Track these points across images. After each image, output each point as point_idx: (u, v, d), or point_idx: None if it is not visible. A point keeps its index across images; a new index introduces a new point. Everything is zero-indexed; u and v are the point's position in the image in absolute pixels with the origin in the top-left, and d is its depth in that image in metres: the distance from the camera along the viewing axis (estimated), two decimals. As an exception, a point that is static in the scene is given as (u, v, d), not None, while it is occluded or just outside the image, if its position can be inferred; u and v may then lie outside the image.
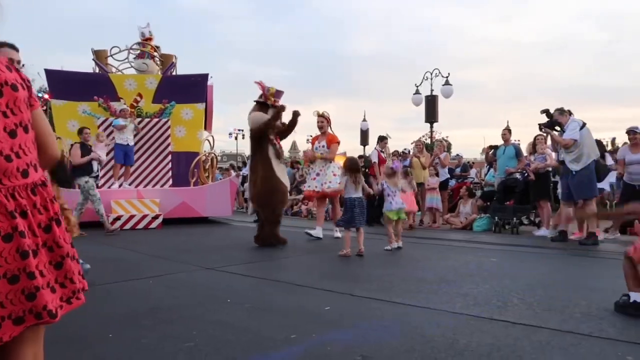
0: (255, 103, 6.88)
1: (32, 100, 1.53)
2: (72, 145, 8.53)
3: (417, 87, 17.88)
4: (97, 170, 8.57)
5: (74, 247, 1.58)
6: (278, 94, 6.83)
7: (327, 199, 7.81)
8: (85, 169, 8.14)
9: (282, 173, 6.77)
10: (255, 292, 3.99)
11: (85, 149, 8.28)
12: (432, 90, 17.53)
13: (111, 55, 11.91)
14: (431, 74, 17.59)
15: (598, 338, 2.72)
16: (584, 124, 6.92)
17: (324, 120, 7.61)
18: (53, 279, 1.47)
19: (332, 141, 7.57)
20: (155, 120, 10.95)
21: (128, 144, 9.95)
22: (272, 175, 6.60)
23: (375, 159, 9.63)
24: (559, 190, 7.70)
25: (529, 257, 5.99)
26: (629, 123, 9.53)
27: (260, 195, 6.65)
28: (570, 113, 7.11)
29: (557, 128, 7.17)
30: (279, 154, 6.77)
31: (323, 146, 7.54)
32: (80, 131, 8.62)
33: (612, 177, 8.65)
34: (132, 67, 11.81)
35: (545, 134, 7.81)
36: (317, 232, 7.38)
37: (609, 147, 13.31)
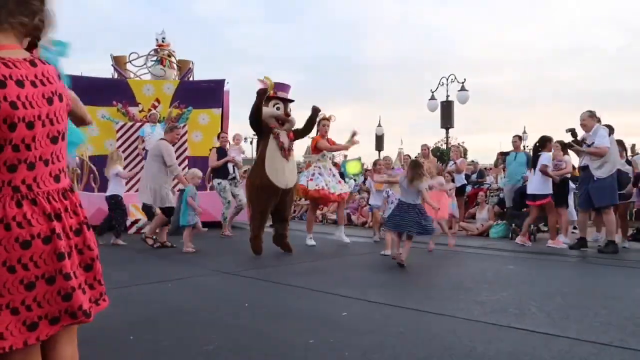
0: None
1: (68, 101, 1.59)
2: (210, 150, 9.30)
3: (433, 92, 17.85)
4: (234, 172, 8.93)
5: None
6: (279, 86, 6.45)
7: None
8: (221, 172, 8.69)
9: (276, 168, 6.16)
10: (271, 296, 4.02)
11: (222, 152, 8.84)
12: (447, 96, 17.49)
13: (130, 61, 12.11)
14: (447, 79, 17.54)
15: (618, 348, 2.69)
16: (611, 130, 6.81)
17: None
18: (83, 281, 1.53)
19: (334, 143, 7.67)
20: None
21: None
22: (255, 168, 6.31)
23: (549, 163, 7.76)
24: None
25: (547, 264, 5.93)
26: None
27: (245, 189, 6.57)
28: (599, 120, 6.96)
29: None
30: (282, 148, 6.23)
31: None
32: (218, 136, 9.44)
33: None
34: (149, 72, 11.96)
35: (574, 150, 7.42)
36: (311, 241, 7.16)
37: (630, 154, 13.10)
